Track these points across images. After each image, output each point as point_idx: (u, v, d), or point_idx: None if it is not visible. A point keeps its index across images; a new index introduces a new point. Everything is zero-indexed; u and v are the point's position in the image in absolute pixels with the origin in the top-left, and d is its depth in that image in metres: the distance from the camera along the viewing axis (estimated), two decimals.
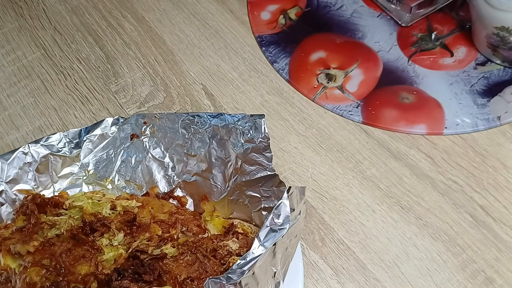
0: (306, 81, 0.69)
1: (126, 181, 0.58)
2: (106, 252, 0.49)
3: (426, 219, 0.58)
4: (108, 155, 0.57)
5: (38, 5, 0.81)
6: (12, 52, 0.76)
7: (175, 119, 0.55)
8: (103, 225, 0.51)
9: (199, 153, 0.54)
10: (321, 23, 0.75)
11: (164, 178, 0.56)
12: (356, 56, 0.71)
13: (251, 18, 0.77)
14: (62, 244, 0.50)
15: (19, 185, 0.55)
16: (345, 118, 0.66)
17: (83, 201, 0.53)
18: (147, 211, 0.53)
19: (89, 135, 0.57)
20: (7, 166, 0.54)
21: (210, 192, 0.55)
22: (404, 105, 0.66)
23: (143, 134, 0.56)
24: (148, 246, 0.49)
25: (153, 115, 0.55)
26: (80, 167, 0.57)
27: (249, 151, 0.51)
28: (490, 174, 0.61)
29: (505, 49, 0.66)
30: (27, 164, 0.55)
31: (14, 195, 0.54)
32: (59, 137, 0.56)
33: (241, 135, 0.51)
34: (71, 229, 0.51)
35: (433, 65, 0.70)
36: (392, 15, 0.75)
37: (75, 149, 0.57)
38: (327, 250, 0.57)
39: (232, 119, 0.52)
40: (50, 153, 0.55)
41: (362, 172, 0.62)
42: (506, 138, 0.63)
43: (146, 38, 0.76)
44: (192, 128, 0.54)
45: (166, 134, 0.56)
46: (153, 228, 0.51)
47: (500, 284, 0.54)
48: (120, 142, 0.57)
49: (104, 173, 0.57)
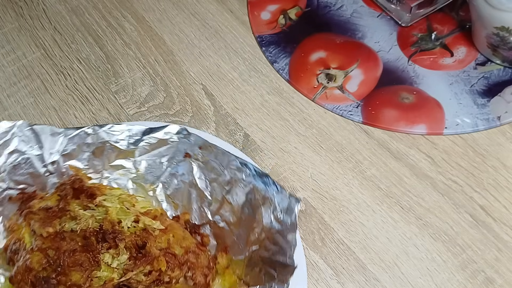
0: (306, 81, 0.69)
1: (167, 195, 0.56)
2: (102, 270, 0.49)
3: (426, 219, 0.58)
4: (160, 162, 0.56)
5: (38, 5, 0.81)
6: (12, 52, 0.76)
7: (224, 159, 0.52)
8: (114, 240, 0.50)
9: (234, 203, 0.51)
10: (321, 23, 0.75)
11: (199, 209, 0.54)
12: (356, 56, 0.71)
13: (251, 18, 0.77)
14: (71, 241, 0.50)
15: (73, 161, 0.56)
16: (345, 118, 0.66)
17: (113, 204, 0.53)
18: (166, 238, 0.51)
19: (150, 136, 0.55)
20: (67, 140, 0.55)
21: (232, 246, 0.52)
22: (404, 105, 0.66)
23: (195, 157, 0.54)
24: (140, 283, 0.48)
25: (210, 145, 0.52)
26: (133, 163, 0.56)
27: (275, 230, 0.47)
28: (490, 174, 0.61)
29: (505, 49, 0.66)
30: (85, 145, 0.55)
31: (64, 169, 0.56)
32: (123, 128, 0.56)
33: (274, 209, 0.47)
34: (86, 230, 0.51)
35: (433, 65, 0.70)
36: (392, 15, 0.75)
37: (133, 145, 0.56)
38: (327, 250, 0.57)
39: (272, 189, 0.48)
40: (109, 141, 0.55)
41: (362, 172, 0.62)
42: (506, 138, 0.63)
43: (146, 38, 0.76)
44: (237, 175, 0.51)
45: (214, 168, 0.52)
46: (159, 263, 0.49)
47: (500, 284, 0.54)
48: (175, 154, 0.55)
49: (151, 178, 0.56)
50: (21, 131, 0.54)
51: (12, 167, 0.54)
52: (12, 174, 0.55)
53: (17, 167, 0.55)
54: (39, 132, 0.55)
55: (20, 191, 0.56)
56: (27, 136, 0.55)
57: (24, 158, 0.55)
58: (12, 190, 0.55)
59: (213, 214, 0.52)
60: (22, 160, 0.55)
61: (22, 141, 0.55)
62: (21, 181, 0.55)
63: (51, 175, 0.56)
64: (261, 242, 0.48)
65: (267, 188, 0.48)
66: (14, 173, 0.55)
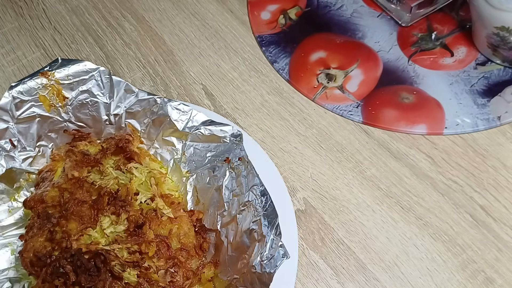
0: (306, 81, 0.69)
1: (195, 187, 0.57)
2: (95, 231, 0.50)
3: (426, 219, 0.58)
4: (205, 155, 0.56)
5: (38, 5, 0.81)
6: (12, 52, 0.76)
7: (252, 180, 0.51)
8: (121, 208, 0.51)
9: (239, 225, 0.50)
10: (321, 23, 0.75)
11: (213, 215, 0.54)
12: (356, 56, 0.71)
13: (251, 18, 0.77)
14: (86, 193, 0.53)
15: (133, 121, 0.59)
16: (345, 118, 0.66)
17: (140, 175, 0.55)
18: (170, 227, 0.52)
19: (207, 127, 0.56)
20: (136, 100, 0.58)
21: (223, 264, 0.51)
22: (404, 105, 0.66)
23: (232, 166, 0.54)
24: (118, 258, 0.48)
25: (248, 161, 0.52)
26: (182, 145, 0.58)
27: (255, 271, 0.46)
28: (490, 174, 0.61)
29: (505, 49, 0.66)
30: (150, 111, 0.58)
31: (123, 124, 0.59)
32: (187, 110, 0.57)
33: (263, 252, 0.47)
34: (104, 188, 0.53)
35: (433, 65, 0.70)
36: (392, 15, 0.75)
37: (189, 129, 0.57)
38: (327, 250, 0.57)
39: (272, 232, 0.47)
40: (170, 116, 0.57)
41: (362, 172, 0.62)
42: (506, 138, 0.63)
43: (146, 38, 0.76)
44: (254, 201, 0.50)
45: (241, 184, 0.52)
46: (148, 248, 0.50)
47: (500, 284, 0.54)
48: (220, 154, 0.55)
49: (191, 166, 0.57)
50: (100, 76, 0.58)
51: (79, 104, 0.58)
52: (77, 110, 0.58)
53: (83, 106, 0.58)
54: (115, 84, 0.58)
55: (77, 128, 0.59)
56: (104, 83, 0.58)
57: (93, 101, 0.58)
58: (71, 124, 0.59)
59: (222, 225, 0.52)
60: (91, 102, 0.58)
61: (97, 85, 0.58)
62: (82, 119, 0.59)
63: (110, 125, 0.59)
64: (243, 274, 0.48)
65: (269, 228, 0.47)
66: (79, 110, 0.58)
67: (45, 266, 0.48)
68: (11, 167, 0.56)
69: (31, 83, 0.56)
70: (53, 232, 0.51)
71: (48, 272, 0.48)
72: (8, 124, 0.56)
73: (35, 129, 0.57)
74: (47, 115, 0.58)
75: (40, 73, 0.57)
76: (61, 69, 0.57)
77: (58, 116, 0.58)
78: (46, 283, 0.48)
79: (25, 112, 0.57)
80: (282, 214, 0.49)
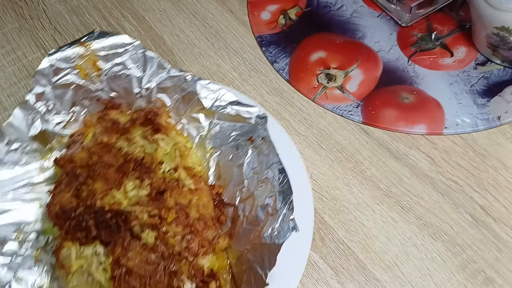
0: (306, 81, 0.69)
1: (218, 163, 0.58)
2: (119, 192, 0.52)
3: (426, 219, 0.58)
4: (230, 134, 0.58)
5: (38, 5, 0.81)
6: (12, 52, 0.76)
7: (272, 159, 0.53)
8: (145, 174, 0.53)
9: (256, 201, 0.52)
10: (321, 23, 0.75)
11: (233, 190, 0.55)
12: (356, 56, 0.71)
13: (251, 18, 0.77)
14: (113, 157, 0.55)
15: (164, 95, 0.61)
16: (345, 118, 0.66)
17: (166, 146, 0.57)
18: (190, 197, 0.54)
19: (233, 107, 0.57)
20: (167, 76, 0.60)
21: (237, 236, 0.53)
22: (404, 105, 0.66)
23: (255, 145, 0.55)
24: (138, 220, 0.50)
25: (270, 140, 0.53)
26: (209, 123, 0.59)
27: (265, 242, 0.49)
28: (490, 174, 0.61)
29: (505, 49, 0.66)
30: (180, 88, 0.59)
31: (153, 98, 0.61)
32: (216, 89, 0.58)
33: (275, 225, 0.49)
34: (130, 154, 0.55)
35: (433, 65, 0.70)
36: (392, 15, 0.75)
37: (216, 107, 0.58)
38: (327, 250, 0.57)
39: (285, 207, 0.49)
40: (199, 94, 0.58)
41: (362, 172, 0.62)
42: (506, 138, 0.63)
43: (146, 38, 0.76)
44: (272, 178, 0.52)
45: (262, 162, 0.54)
46: (168, 214, 0.51)
47: (500, 284, 0.54)
48: (245, 134, 0.57)
49: (215, 143, 0.59)
50: (135, 50, 0.60)
51: (113, 76, 0.60)
52: (110, 81, 0.61)
53: (117, 78, 0.60)
54: (149, 59, 0.60)
55: (109, 98, 0.62)
56: (138, 57, 0.60)
57: (126, 74, 0.60)
58: (104, 93, 0.61)
59: (240, 201, 0.54)
60: (124, 74, 0.60)
61: (131, 59, 0.60)
62: (115, 90, 0.61)
63: (140, 98, 0.61)
64: (254, 245, 0.50)
65: (283, 203, 0.49)
66: (113, 81, 0.61)
67: (69, 219, 0.52)
68: (45, 129, 0.59)
69: (69, 52, 0.59)
70: (79, 190, 0.53)
71: (71, 225, 0.51)
72: (45, 89, 0.58)
73: (70, 95, 0.60)
74: (82, 83, 0.60)
75: (78, 42, 0.59)
76: (98, 40, 0.59)
77: (92, 85, 0.61)
78: (69, 235, 0.51)
79: (61, 79, 0.59)
80: (298, 192, 0.50)
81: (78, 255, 0.50)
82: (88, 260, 0.50)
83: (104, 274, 0.49)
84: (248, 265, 0.50)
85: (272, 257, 0.47)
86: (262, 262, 0.48)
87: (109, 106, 0.62)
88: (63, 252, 0.51)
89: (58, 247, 0.51)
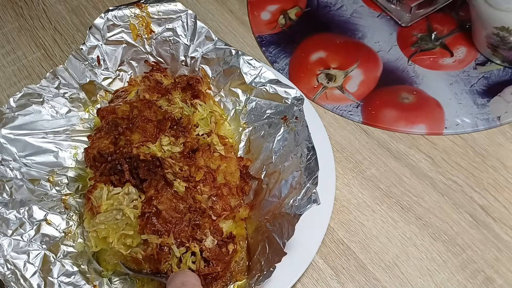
0: (306, 81, 0.69)
1: (249, 138, 0.60)
2: (155, 145, 0.55)
3: (426, 219, 0.58)
4: (265, 111, 0.59)
5: (38, 5, 0.81)
6: (12, 52, 0.76)
7: (303, 136, 0.54)
8: (181, 132, 0.56)
9: (281, 176, 0.54)
10: (321, 23, 0.75)
11: (260, 164, 0.57)
12: (356, 56, 0.71)
13: (251, 18, 0.77)
14: (152, 114, 0.58)
15: (207, 66, 0.63)
16: (345, 118, 0.66)
17: (203, 112, 0.59)
18: (218, 163, 0.56)
19: (272, 86, 0.59)
20: (213, 48, 0.62)
21: (257, 207, 0.55)
22: (404, 105, 0.66)
23: (288, 123, 0.56)
24: (171, 167, 0.53)
25: (303, 119, 0.55)
26: (246, 98, 0.61)
27: (285, 212, 0.50)
28: (490, 174, 0.61)
29: (505, 49, 0.66)
30: (224, 61, 0.62)
31: (197, 68, 0.63)
32: (258, 66, 0.60)
33: (296, 198, 0.50)
34: (169, 113, 0.58)
35: (433, 65, 0.70)
36: (392, 15, 0.75)
37: (255, 84, 0.60)
38: (327, 250, 0.57)
39: (308, 181, 0.51)
40: (241, 69, 0.60)
41: (362, 172, 0.62)
42: (506, 138, 0.63)
43: None
44: (301, 155, 0.53)
45: (292, 140, 0.55)
46: (197, 172, 0.53)
47: (500, 284, 0.54)
48: (279, 113, 0.58)
49: (249, 118, 0.60)
50: (186, 18, 0.63)
51: (162, 40, 0.64)
52: (159, 46, 0.64)
53: (166, 43, 0.64)
54: (198, 29, 0.62)
55: (156, 61, 0.65)
56: (188, 26, 0.63)
57: (175, 40, 0.63)
58: (152, 56, 0.65)
59: (266, 175, 0.56)
60: (173, 40, 0.63)
61: (182, 27, 0.63)
62: (162, 55, 0.65)
63: (185, 66, 0.64)
64: (273, 215, 0.51)
65: (307, 178, 0.51)
66: (161, 46, 0.64)
67: (105, 163, 0.54)
68: (94, 80, 0.63)
69: (126, 11, 0.63)
70: (117, 139, 0.56)
71: (107, 168, 0.54)
72: (98, 43, 0.63)
73: (120, 53, 0.64)
74: (133, 43, 0.64)
75: (135, 3, 0.63)
76: (154, 4, 0.63)
77: (142, 47, 0.64)
78: (103, 176, 0.54)
79: (114, 36, 0.63)
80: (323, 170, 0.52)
81: (109, 196, 0.53)
82: (119, 199, 0.53)
83: (134, 211, 0.51)
84: (265, 235, 0.51)
85: (291, 227, 0.48)
86: (281, 232, 0.49)
87: (154, 69, 0.65)
88: (95, 193, 0.53)
89: (91, 188, 0.54)
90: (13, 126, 0.58)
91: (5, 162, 0.56)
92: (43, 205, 0.55)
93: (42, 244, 0.52)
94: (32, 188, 0.56)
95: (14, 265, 0.49)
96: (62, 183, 0.59)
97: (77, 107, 0.62)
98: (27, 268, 0.50)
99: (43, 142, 0.59)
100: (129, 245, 0.51)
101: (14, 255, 0.50)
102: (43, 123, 0.59)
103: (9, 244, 0.51)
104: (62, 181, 0.59)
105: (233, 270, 0.52)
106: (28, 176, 0.56)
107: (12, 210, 0.53)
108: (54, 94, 0.60)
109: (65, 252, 0.53)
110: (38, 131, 0.59)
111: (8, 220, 0.52)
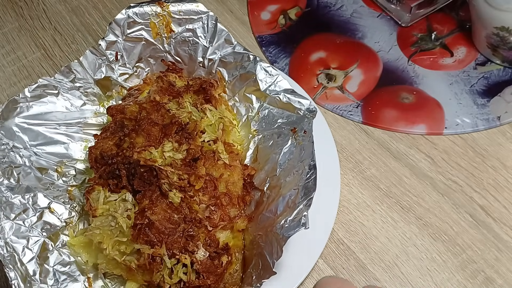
0: (306, 81, 0.69)
1: (257, 147, 0.59)
2: (156, 150, 0.55)
3: (426, 219, 0.58)
4: (276, 120, 0.58)
5: (38, 5, 0.81)
6: (12, 52, 0.76)
7: (307, 154, 0.53)
8: (185, 139, 0.56)
9: (281, 191, 0.53)
10: (321, 23, 0.75)
11: (264, 176, 0.56)
12: (356, 56, 0.71)
13: (251, 18, 0.77)
14: (160, 116, 0.58)
15: (224, 70, 0.63)
16: (345, 118, 0.66)
17: (211, 118, 0.58)
18: (221, 172, 0.55)
19: (286, 95, 0.58)
20: (231, 52, 0.62)
21: (255, 220, 0.54)
22: (404, 105, 0.66)
23: (296, 136, 0.55)
24: (168, 177, 0.52)
25: (310, 135, 0.54)
26: (259, 105, 0.60)
27: (275, 232, 0.49)
28: (490, 174, 0.61)
29: (505, 49, 0.66)
30: (241, 65, 0.61)
31: (214, 70, 0.63)
32: (275, 74, 0.59)
33: (288, 218, 0.49)
34: (176, 117, 0.57)
35: (433, 65, 0.70)
36: (392, 15, 0.75)
37: (269, 91, 0.59)
38: (327, 250, 0.57)
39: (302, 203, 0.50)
40: (257, 75, 0.60)
41: (362, 172, 0.62)
42: (506, 138, 0.63)
43: None
44: (302, 173, 0.52)
45: (298, 155, 0.54)
46: (197, 181, 0.53)
47: (500, 284, 0.54)
48: (290, 124, 0.57)
49: (260, 126, 0.60)
50: (207, 20, 0.63)
51: (182, 40, 0.64)
52: (178, 45, 0.64)
53: (184, 43, 0.64)
54: (218, 31, 0.62)
55: (173, 61, 0.65)
56: (208, 28, 0.63)
57: (194, 41, 0.63)
58: (170, 55, 0.65)
59: (269, 188, 0.55)
60: (192, 41, 0.63)
61: (202, 28, 0.63)
62: (180, 55, 0.65)
63: (202, 68, 0.64)
64: (266, 232, 0.51)
65: (302, 198, 0.50)
66: (180, 45, 0.64)
67: (105, 165, 0.55)
68: (110, 76, 0.63)
69: (147, 8, 0.62)
70: (122, 140, 0.57)
71: (106, 171, 0.54)
72: (118, 39, 0.62)
73: (139, 50, 0.64)
74: (152, 41, 0.64)
75: (157, 1, 0.63)
76: (175, 3, 0.63)
77: (161, 45, 0.64)
78: (102, 180, 0.54)
79: (134, 33, 0.63)
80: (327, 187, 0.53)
81: (105, 200, 0.53)
82: (114, 205, 0.52)
83: (127, 221, 0.51)
84: (258, 250, 0.51)
85: (280, 248, 0.48)
86: (271, 251, 0.49)
87: (171, 69, 0.65)
88: (93, 194, 0.54)
89: (89, 189, 0.54)
90: (27, 116, 0.58)
91: (16, 149, 0.57)
92: (48, 194, 0.55)
93: (43, 232, 0.53)
94: (39, 176, 0.57)
95: (13, 249, 0.50)
96: (70, 174, 0.59)
97: (91, 101, 0.63)
98: (25, 253, 0.51)
99: (55, 133, 0.60)
100: (124, 251, 0.50)
101: (14, 239, 0.51)
102: (57, 115, 0.60)
103: (10, 227, 0.51)
104: (69, 172, 0.60)
105: (226, 282, 0.51)
106: (37, 165, 0.57)
107: (17, 195, 0.53)
108: (69, 87, 0.61)
109: (64, 241, 0.54)
110: (51, 122, 0.60)
111: (12, 204, 0.53)
